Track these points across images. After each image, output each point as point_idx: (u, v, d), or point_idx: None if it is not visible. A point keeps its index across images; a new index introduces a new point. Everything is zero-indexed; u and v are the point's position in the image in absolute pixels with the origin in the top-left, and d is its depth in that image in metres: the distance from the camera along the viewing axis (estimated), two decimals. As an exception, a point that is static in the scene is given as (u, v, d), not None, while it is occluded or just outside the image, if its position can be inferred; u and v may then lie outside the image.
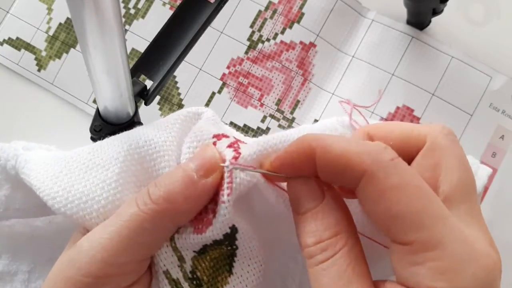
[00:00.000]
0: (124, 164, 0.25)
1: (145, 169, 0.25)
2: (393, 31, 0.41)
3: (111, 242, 0.22)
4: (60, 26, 0.43)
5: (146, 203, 0.23)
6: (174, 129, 0.26)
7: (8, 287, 0.33)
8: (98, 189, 0.24)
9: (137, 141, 0.26)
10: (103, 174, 0.25)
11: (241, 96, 0.41)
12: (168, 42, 0.32)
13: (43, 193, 0.25)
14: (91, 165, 0.25)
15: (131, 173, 0.25)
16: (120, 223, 0.22)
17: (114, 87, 0.26)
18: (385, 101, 0.40)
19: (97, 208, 0.24)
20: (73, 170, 0.25)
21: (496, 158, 0.39)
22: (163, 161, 0.25)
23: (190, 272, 0.24)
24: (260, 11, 0.42)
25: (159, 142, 0.25)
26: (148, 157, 0.25)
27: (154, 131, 0.26)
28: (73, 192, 0.24)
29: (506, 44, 0.41)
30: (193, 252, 0.24)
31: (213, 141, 0.25)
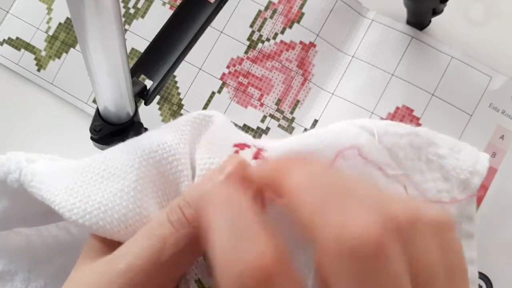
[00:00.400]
0: (140, 171, 0.25)
1: (161, 173, 0.25)
2: (393, 31, 0.41)
3: (143, 262, 0.22)
4: (60, 26, 0.43)
5: (182, 225, 0.22)
6: (186, 132, 0.26)
7: (8, 286, 0.33)
8: (117, 199, 0.24)
9: (150, 146, 0.25)
10: (120, 183, 0.24)
11: (241, 96, 0.41)
12: (168, 42, 0.32)
13: (59, 205, 0.24)
14: (106, 175, 0.25)
15: (148, 179, 0.25)
16: (154, 244, 0.22)
17: (114, 87, 0.26)
18: (384, 101, 0.40)
19: (117, 217, 0.24)
20: (88, 181, 0.25)
21: (496, 158, 0.39)
22: (179, 164, 0.25)
23: None
24: (260, 11, 0.42)
25: (173, 145, 0.25)
26: (163, 160, 0.25)
27: (166, 134, 0.26)
28: (91, 203, 0.24)
29: (506, 44, 0.41)
30: None
31: (234, 150, 0.25)
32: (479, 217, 0.37)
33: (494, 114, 0.39)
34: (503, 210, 0.38)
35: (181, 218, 0.22)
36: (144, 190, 0.24)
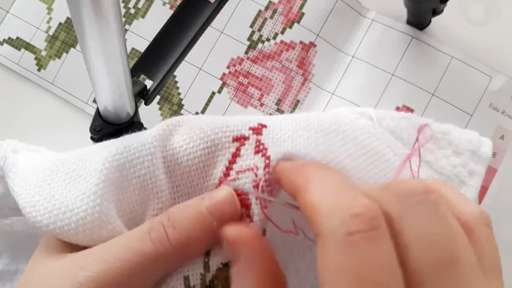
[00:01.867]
0: (102, 174, 0.24)
1: (124, 176, 0.25)
2: (393, 31, 0.41)
3: (116, 274, 0.21)
4: (60, 26, 0.43)
5: (163, 245, 0.22)
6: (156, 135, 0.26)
7: (8, 286, 0.33)
8: (78, 201, 0.24)
9: (117, 148, 0.25)
10: (84, 186, 0.24)
11: (241, 96, 0.41)
12: (168, 42, 0.32)
13: (23, 200, 0.24)
14: (74, 176, 0.25)
15: (109, 182, 0.24)
16: (130, 257, 0.22)
17: (114, 87, 0.26)
18: (384, 101, 0.40)
19: (75, 220, 0.23)
20: (57, 180, 0.25)
21: (496, 158, 0.39)
22: (143, 168, 0.25)
23: (210, 281, 0.24)
24: (260, 11, 0.42)
25: (138, 147, 0.25)
26: (127, 163, 0.25)
27: (135, 137, 0.25)
28: (53, 202, 0.24)
29: (506, 44, 0.41)
30: (220, 264, 0.24)
31: (236, 147, 0.25)
32: (479, 217, 0.37)
33: (494, 114, 0.39)
34: (503, 210, 0.38)
35: (163, 238, 0.22)
36: (104, 194, 0.24)
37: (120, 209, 0.25)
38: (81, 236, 0.23)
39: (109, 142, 0.26)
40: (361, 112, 0.29)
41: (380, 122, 0.29)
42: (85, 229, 0.23)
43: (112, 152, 0.25)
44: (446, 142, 0.30)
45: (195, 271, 0.24)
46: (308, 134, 0.26)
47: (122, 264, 0.21)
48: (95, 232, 0.23)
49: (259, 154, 0.25)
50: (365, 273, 0.17)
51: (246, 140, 0.25)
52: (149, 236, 0.22)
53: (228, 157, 0.25)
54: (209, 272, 0.24)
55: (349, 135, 0.27)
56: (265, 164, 0.24)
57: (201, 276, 0.24)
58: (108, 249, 0.22)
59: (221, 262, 0.24)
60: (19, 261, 0.33)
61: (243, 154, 0.25)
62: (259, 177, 0.24)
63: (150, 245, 0.22)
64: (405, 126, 0.30)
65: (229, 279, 0.24)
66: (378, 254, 0.17)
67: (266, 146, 0.25)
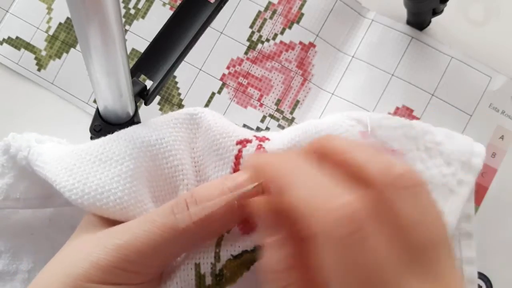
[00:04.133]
0: (137, 160, 0.26)
1: (157, 166, 0.27)
2: (393, 31, 0.41)
3: (141, 244, 0.23)
4: (60, 26, 0.43)
5: (184, 220, 0.23)
6: (182, 130, 0.28)
7: (8, 286, 0.33)
8: (114, 182, 0.25)
9: (148, 139, 0.27)
10: (117, 169, 0.26)
11: (240, 96, 0.41)
12: (168, 42, 0.32)
13: (60, 185, 0.26)
14: (104, 158, 0.26)
15: (144, 169, 0.26)
16: (154, 230, 0.23)
17: (114, 87, 0.27)
18: (384, 101, 0.40)
19: (113, 199, 0.25)
20: (86, 163, 0.26)
21: (496, 158, 0.39)
22: (175, 159, 0.27)
23: (219, 270, 0.25)
24: (260, 11, 0.42)
25: (169, 141, 0.27)
26: (160, 155, 0.27)
27: (163, 130, 0.27)
28: (89, 184, 0.25)
29: (506, 44, 0.41)
30: (231, 256, 0.25)
31: (238, 149, 0.27)
32: (479, 217, 0.37)
33: (494, 114, 0.39)
34: (503, 210, 0.38)
35: (185, 213, 0.23)
36: (139, 178, 0.26)
37: (154, 196, 0.27)
38: (118, 214, 0.25)
39: (131, 130, 0.28)
40: (357, 118, 0.30)
41: (374, 131, 0.29)
42: (122, 208, 0.25)
43: (144, 143, 0.27)
44: (438, 152, 0.31)
45: (206, 260, 0.25)
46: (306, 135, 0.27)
47: (147, 235, 0.23)
48: (131, 211, 0.25)
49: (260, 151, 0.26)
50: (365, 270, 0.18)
51: (248, 143, 0.27)
52: (172, 211, 0.24)
53: (232, 159, 0.27)
54: (219, 262, 0.25)
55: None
56: None
57: (211, 265, 0.25)
58: (137, 222, 0.24)
59: (231, 254, 0.25)
60: (19, 261, 0.33)
61: (245, 155, 0.27)
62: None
63: (173, 219, 0.23)
64: (398, 136, 0.30)
65: (238, 270, 0.25)
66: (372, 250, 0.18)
67: (266, 150, 0.26)
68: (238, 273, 0.25)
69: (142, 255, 0.23)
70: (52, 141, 0.31)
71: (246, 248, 0.25)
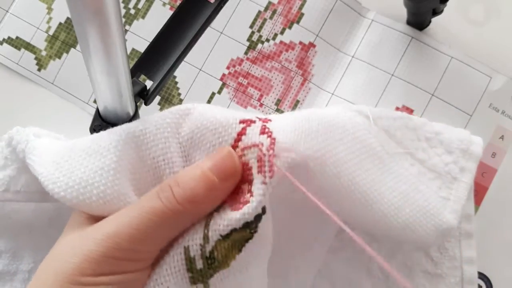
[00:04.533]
0: (121, 153, 0.26)
1: (140, 157, 0.27)
2: (393, 31, 0.41)
3: (131, 230, 0.23)
4: (60, 26, 0.43)
5: (170, 202, 0.24)
6: (167, 119, 0.27)
7: (7, 286, 0.33)
8: (97, 176, 0.25)
9: (133, 130, 0.27)
10: (101, 162, 0.26)
11: (240, 96, 0.41)
12: (168, 42, 0.32)
13: (45, 178, 0.26)
14: (90, 152, 0.26)
15: (127, 161, 0.26)
16: (143, 215, 0.24)
17: (114, 87, 0.27)
18: (384, 101, 0.40)
19: (96, 193, 0.25)
20: (74, 157, 0.26)
21: (496, 158, 0.39)
22: (157, 149, 0.27)
23: (209, 252, 0.25)
24: (260, 11, 0.42)
25: (153, 131, 0.27)
26: (143, 146, 0.27)
27: (149, 121, 0.27)
28: (73, 178, 0.25)
29: (506, 44, 0.41)
30: (219, 236, 0.25)
31: (241, 127, 0.26)
32: (479, 217, 0.37)
33: (494, 114, 0.39)
34: (503, 210, 0.38)
35: (169, 196, 0.24)
36: (122, 171, 0.26)
37: (136, 188, 0.27)
38: (101, 209, 0.25)
39: (123, 125, 0.28)
40: (358, 110, 0.30)
41: (375, 121, 0.30)
42: (105, 202, 0.25)
43: (130, 134, 0.27)
44: (438, 141, 0.32)
45: (194, 242, 0.25)
46: (309, 124, 0.27)
47: (136, 221, 0.24)
48: (114, 204, 0.25)
49: (264, 135, 0.26)
50: None
51: (252, 123, 0.27)
52: (157, 195, 0.25)
53: (234, 136, 0.26)
54: (209, 243, 0.25)
55: (348, 129, 0.28)
56: (270, 143, 0.25)
57: (200, 247, 0.25)
58: (124, 211, 0.25)
59: (220, 234, 0.25)
60: (19, 261, 0.33)
61: (249, 133, 0.26)
62: (263, 152, 0.25)
63: (159, 202, 0.24)
64: (399, 126, 0.31)
65: (229, 252, 0.25)
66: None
67: (271, 130, 0.26)
68: (230, 256, 0.25)
69: (134, 241, 0.23)
70: (49, 136, 0.31)
71: (234, 226, 0.25)
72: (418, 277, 0.33)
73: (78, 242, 0.24)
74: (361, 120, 0.30)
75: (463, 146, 0.32)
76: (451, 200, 0.31)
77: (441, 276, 0.33)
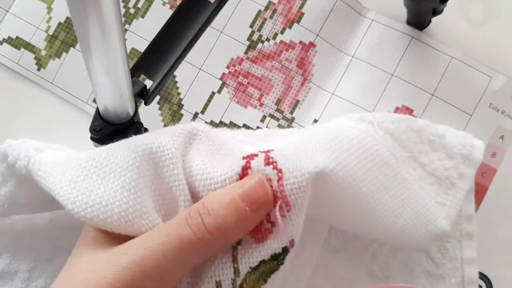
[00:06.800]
0: (140, 170, 0.26)
1: (158, 174, 0.26)
2: (393, 31, 0.41)
3: (158, 258, 0.23)
4: (60, 26, 0.43)
5: (200, 230, 0.23)
6: (180, 139, 0.27)
7: (8, 286, 0.33)
8: (118, 195, 0.25)
9: (150, 147, 0.27)
10: (121, 180, 0.25)
11: (240, 96, 0.41)
12: (168, 42, 0.32)
13: (63, 197, 0.25)
14: (108, 171, 0.26)
15: (147, 179, 0.26)
16: (170, 242, 0.23)
17: (114, 87, 0.26)
18: (384, 101, 0.40)
19: (118, 212, 0.25)
20: (91, 175, 0.26)
21: (496, 158, 0.39)
22: (175, 168, 0.26)
23: (240, 285, 0.25)
24: (260, 11, 0.42)
25: (172, 149, 0.27)
26: (161, 163, 0.26)
27: (166, 138, 0.27)
28: (93, 197, 0.25)
29: (506, 44, 0.41)
30: (249, 268, 0.25)
31: (245, 162, 0.26)
32: (479, 217, 0.37)
33: (494, 114, 0.39)
34: (503, 210, 0.38)
35: (199, 224, 0.23)
36: (143, 188, 0.26)
37: (157, 205, 0.26)
38: (122, 228, 0.25)
39: (135, 139, 0.27)
40: (360, 117, 0.30)
41: (380, 125, 0.30)
42: (126, 221, 0.25)
43: (147, 151, 0.26)
44: (440, 145, 0.32)
45: (226, 277, 0.25)
46: (313, 143, 0.27)
47: (163, 248, 0.23)
48: (136, 223, 0.25)
49: (269, 166, 0.26)
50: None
51: (255, 157, 0.26)
52: (186, 222, 0.24)
53: (238, 171, 0.26)
54: (239, 277, 0.25)
55: (353, 139, 0.28)
56: (278, 177, 0.25)
57: (232, 281, 0.25)
58: (149, 237, 0.24)
59: (250, 266, 0.25)
60: (19, 261, 0.33)
61: (253, 166, 0.26)
62: (274, 188, 0.25)
63: (188, 230, 0.23)
64: (404, 129, 0.31)
65: (256, 283, 0.25)
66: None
67: (275, 160, 0.26)
68: (257, 287, 0.25)
69: (161, 270, 0.23)
70: (51, 149, 0.30)
71: (263, 258, 0.25)
72: (419, 278, 0.33)
73: (100, 267, 0.23)
74: (365, 127, 0.30)
75: (465, 151, 0.32)
76: (447, 205, 0.31)
77: (441, 277, 0.33)
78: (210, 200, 0.25)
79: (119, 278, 0.22)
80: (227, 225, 0.24)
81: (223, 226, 0.23)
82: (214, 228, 0.23)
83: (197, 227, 0.23)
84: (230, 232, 0.24)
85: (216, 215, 0.24)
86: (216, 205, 0.24)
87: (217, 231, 0.23)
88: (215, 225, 0.23)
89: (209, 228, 0.23)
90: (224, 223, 0.23)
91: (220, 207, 0.24)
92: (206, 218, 0.24)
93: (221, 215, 0.24)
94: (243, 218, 0.24)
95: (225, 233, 0.24)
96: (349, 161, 0.27)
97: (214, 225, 0.23)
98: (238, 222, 0.24)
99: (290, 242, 0.25)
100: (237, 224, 0.24)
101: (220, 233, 0.23)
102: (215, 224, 0.23)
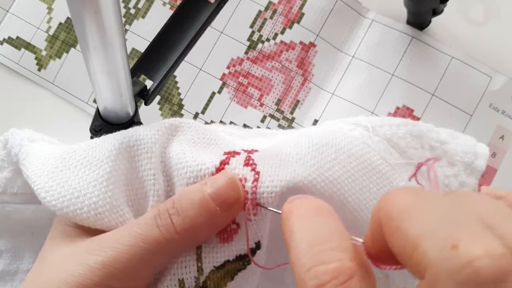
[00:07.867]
0: (115, 163, 0.26)
1: (133, 168, 0.26)
2: (393, 31, 0.41)
3: (127, 259, 0.23)
4: (60, 26, 0.43)
5: (169, 232, 0.23)
6: (160, 133, 0.27)
7: (8, 286, 0.33)
8: (90, 187, 0.25)
9: (128, 140, 0.27)
10: (95, 173, 0.25)
11: (241, 96, 0.41)
12: (168, 42, 0.32)
13: (37, 186, 0.25)
14: (85, 163, 0.26)
15: (120, 172, 0.26)
16: (138, 244, 0.23)
17: (114, 87, 0.27)
18: (384, 101, 0.40)
19: (88, 204, 0.25)
20: (69, 166, 0.26)
21: (496, 158, 0.39)
22: (149, 162, 0.26)
23: (203, 282, 0.25)
24: (260, 11, 0.42)
25: (148, 143, 0.26)
26: (136, 157, 0.26)
27: (146, 131, 0.27)
28: (66, 187, 0.25)
29: (506, 44, 0.41)
30: (213, 267, 0.25)
31: (225, 157, 0.26)
32: (479, 217, 0.37)
33: (494, 114, 0.39)
34: (503, 210, 0.38)
35: (168, 225, 0.23)
36: (116, 182, 0.26)
37: (129, 199, 0.26)
38: (92, 220, 0.25)
39: (117, 133, 0.27)
40: (356, 122, 0.29)
41: (376, 131, 0.29)
42: (96, 213, 0.25)
43: (124, 143, 0.26)
44: (442, 152, 0.31)
45: (189, 275, 0.25)
46: (298, 149, 0.27)
47: (131, 249, 0.23)
48: (106, 217, 0.25)
49: (248, 167, 0.25)
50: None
51: (237, 155, 0.26)
52: (155, 222, 0.23)
53: (216, 164, 0.26)
54: (203, 275, 0.25)
55: (342, 147, 0.27)
56: (254, 178, 0.25)
57: (195, 279, 0.25)
58: (117, 235, 0.24)
59: (214, 265, 0.25)
60: (19, 261, 0.33)
61: (232, 163, 0.26)
62: (246, 189, 0.25)
63: (157, 231, 0.23)
64: (403, 134, 0.30)
65: (221, 280, 0.25)
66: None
67: (256, 162, 0.25)
68: (222, 284, 0.25)
69: (128, 270, 0.23)
70: (43, 140, 0.31)
71: (227, 258, 0.25)
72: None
73: (69, 266, 0.23)
74: (359, 133, 0.29)
75: (467, 159, 0.31)
76: None
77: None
78: (180, 199, 0.24)
79: (88, 278, 0.22)
80: (196, 225, 0.23)
81: (193, 227, 0.23)
82: (183, 229, 0.23)
83: (165, 228, 0.23)
84: (199, 232, 0.23)
85: (185, 215, 0.23)
86: (186, 204, 0.24)
87: (186, 232, 0.23)
88: (184, 226, 0.23)
89: (178, 229, 0.23)
90: (194, 223, 0.23)
91: (190, 206, 0.23)
92: (176, 219, 0.23)
93: (190, 215, 0.23)
94: (213, 217, 0.23)
95: (194, 234, 0.23)
96: (334, 171, 0.26)
97: (183, 226, 0.23)
98: (207, 222, 0.23)
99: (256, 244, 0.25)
100: (206, 224, 0.23)
101: (189, 234, 0.23)
102: (184, 225, 0.23)
